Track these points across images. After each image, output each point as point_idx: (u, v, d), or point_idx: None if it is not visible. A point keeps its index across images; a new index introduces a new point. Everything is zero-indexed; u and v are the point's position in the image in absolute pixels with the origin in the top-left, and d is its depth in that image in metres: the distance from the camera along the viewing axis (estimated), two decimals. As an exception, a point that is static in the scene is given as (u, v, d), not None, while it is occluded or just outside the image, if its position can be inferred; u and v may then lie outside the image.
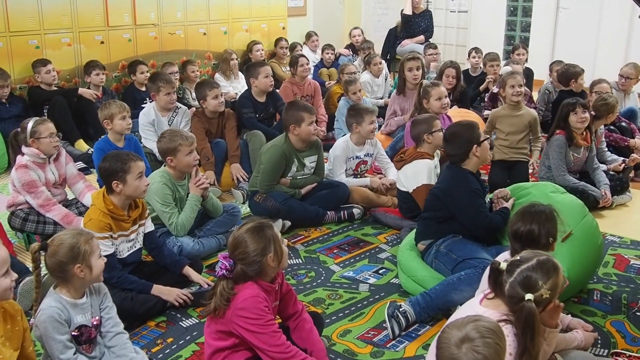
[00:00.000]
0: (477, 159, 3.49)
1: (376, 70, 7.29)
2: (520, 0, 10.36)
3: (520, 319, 2.12)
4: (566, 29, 9.92)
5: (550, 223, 2.70)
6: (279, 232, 2.53)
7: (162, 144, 3.87)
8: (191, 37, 7.40)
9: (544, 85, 6.90)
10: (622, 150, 5.43)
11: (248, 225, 2.47)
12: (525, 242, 2.66)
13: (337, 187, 4.57)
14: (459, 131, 3.54)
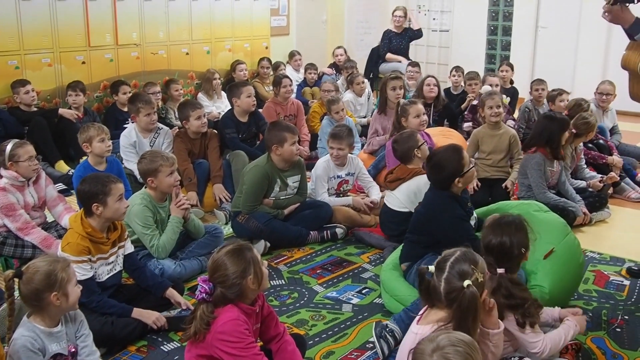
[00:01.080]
0: (458, 188, 3.45)
1: (359, 90, 7.33)
2: (500, 20, 10.49)
3: (462, 306, 2.21)
4: (545, 47, 10.07)
5: (520, 233, 2.72)
6: (259, 254, 2.52)
7: (142, 165, 3.86)
8: (174, 56, 7.41)
9: (524, 104, 6.97)
10: (600, 167, 5.49)
11: (227, 248, 2.46)
12: (498, 254, 2.69)
13: (320, 206, 4.57)
14: (443, 161, 3.45)
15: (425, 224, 3.47)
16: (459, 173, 3.39)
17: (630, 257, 4.23)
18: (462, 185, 3.44)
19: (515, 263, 2.71)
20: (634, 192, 5.48)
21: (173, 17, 7.28)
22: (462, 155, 3.45)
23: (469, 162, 3.48)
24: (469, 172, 3.45)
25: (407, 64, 8.48)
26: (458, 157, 3.43)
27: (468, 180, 3.49)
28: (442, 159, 3.47)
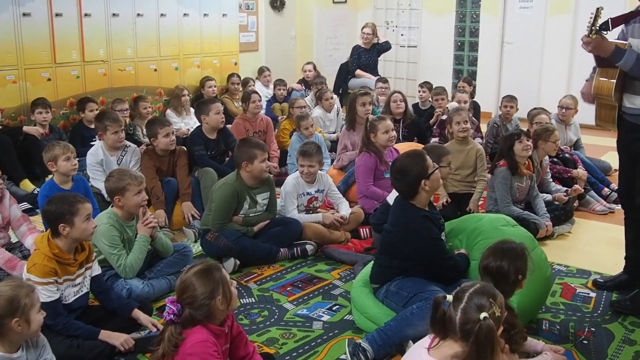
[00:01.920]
0: (426, 193, 3.39)
1: (328, 105, 7.36)
2: (466, 36, 10.66)
3: (479, 339, 2.14)
4: (511, 62, 10.26)
5: (520, 260, 2.75)
6: (227, 274, 2.50)
7: (109, 184, 3.81)
8: (141, 73, 7.36)
9: (492, 119, 7.08)
10: (565, 181, 5.58)
11: (195, 268, 2.44)
12: (495, 277, 2.71)
13: (290, 223, 4.56)
14: (407, 166, 3.40)
15: (397, 246, 3.40)
16: (424, 175, 3.35)
17: (596, 269, 4.29)
18: (429, 189, 3.38)
19: (510, 288, 2.73)
20: (599, 204, 5.57)
21: (141, 33, 7.24)
22: (424, 158, 3.41)
23: (432, 165, 3.42)
24: (434, 174, 3.38)
25: (376, 80, 8.55)
26: (421, 160, 3.40)
27: (435, 185, 3.41)
28: (404, 164, 3.43)
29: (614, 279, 4.00)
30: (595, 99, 3.65)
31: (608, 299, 3.84)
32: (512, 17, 10.14)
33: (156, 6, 7.38)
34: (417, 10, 10.94)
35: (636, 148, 3.57)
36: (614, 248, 4.65)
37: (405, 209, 3.42)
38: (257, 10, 9.43)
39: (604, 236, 4.98)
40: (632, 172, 3.65)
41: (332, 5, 10.95)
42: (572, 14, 9.42)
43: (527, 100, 9.40)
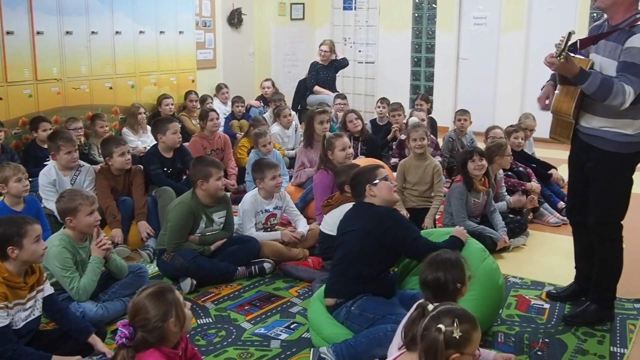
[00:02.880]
0: (375, 198, 3.53)
1: (286, 122, 7.38)
2: (423, 52, 10.81)
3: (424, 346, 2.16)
4: (467, 78, 10.44)
5: (456, 270, 2.79)
6: (180, 296, 2.47)
7: (60, 204, 3.74)
8: (96, 91, 7.27)
9: (448, 133, 7.17)
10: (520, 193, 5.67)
11: (148, 291, 2.41)
12: (434, 289, 2.76)
13: (247, 241, 4.54)
14: (358, 173, 3.66)
15: (375, 242, 3.40)
16: (370, 180, 3.53)
17: (550, 280, 4.37)
18: (376, 196, 3.52)
19: (451, 298, 2.74)
20: (552, 216, 5.69)
21: (95, 51, 7.16)
22: (377, 168, 3.64)
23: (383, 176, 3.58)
24: (382, 183, 3.54)
25: (334, 96, 8.60)
26: (372, 169, 3.62)
27: (383, 193, 3.53)
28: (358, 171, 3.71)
29: (566, 290, 4.08)
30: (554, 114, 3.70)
31: (561, 310, 3.91)
32: (467, 33, 10.32)
33: (111, 24, 7.31)
34: (374, 27, 11.06)
35: (589, 169, 3.61)
36: (567, 259, 4.71)
37: (376, 209, 3.53)
38: (214, 27, 9.43)
39: (558, 247, 5.07)
40: (583, 191, 3.71)
41: (289, 22, 11.01)
42: (525, 30, 9.65)
43: (483, 114, 9.62)
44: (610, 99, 3.27)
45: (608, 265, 3.70)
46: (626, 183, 3.57)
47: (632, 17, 3.35)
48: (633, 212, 3.80)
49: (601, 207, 3.59)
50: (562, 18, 9.31)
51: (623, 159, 3.48)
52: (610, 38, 3.40)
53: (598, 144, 3.51)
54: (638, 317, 3.82)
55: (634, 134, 3.42)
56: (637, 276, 4.41)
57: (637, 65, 3.24)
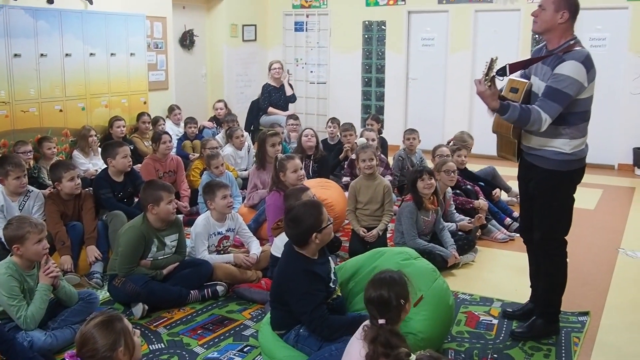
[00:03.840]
0: (316, 245, 3.36)
1: (239, 143, 7.41)
2: (373, 72, 10.98)
3: None
4: (416, 97, 10.66)
5: (398, 286, 2.83)
6: (129, 324, 2.47)
7: (8, 232, 3.67)
8: (46, 114, 7.19)
9: (397, 152, 7.29)
10: (468, 211, 5.80)
11: (96, 320, 2.40)
12: (378, 306, 2.79)
13: (200, 265, 4.53)
14: (301, 216, 3.37)
15: (282, 296, 3.39)
16: (317, 228, 3.34)
17: (498, 296, 4.47)
18: (319, 242, 3.36)
19: (395, 314, 2.80)
20: (500, 233, 5.83)
21: (45, 73, 7.10)
22: (321, 210, 3.41)
23: (327, 219, 3.41)
24: (327, 228, 3.38)
25: (287, 117, 8.67)
26: (317, 212, 3.38)
27: (325, 238, 3.39)
28: (300, 213, 3.40)
29: (522, 309, 4.14)
30: (496, 134, 3.83)
31: (509, 325, 4.00)
32: (416, 54, 10.56)
33: (60, 46, 7.27)
34: (325, 48, 11.22)
35: (532, 187, 3.75)
36: (515, 274, 4.89)
37: (291, 259, 3.41)
38: (166, 48, 9.41)
39: (506, 263, 5.22)
40: (530, 207, 3.84)
41: (241, 43, 11.07)
42: (471, 51, 9.92)
43: (432, 133, 9.84)
44: (528, 126, 3.49)
45: (552, 280, 3.82)
46: (567, 200, 3.70)
47: (566, 43, 3.52)
48: (576, 227, 3.93)
49: (545, 223, 3.72)
50: (506, 39, 9.62)
51: (562, 177, 3.62)
52: (546, 62, 3.59)
53: (538, 162, 3.65)
54: (582, 330, 3.95)
55: (571, 152, 3.57)
56: (581, 289, 4.58)
57: (559, 91, 3.42)
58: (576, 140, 3.56)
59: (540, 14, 3.56)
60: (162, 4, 9.23)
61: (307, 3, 11.25)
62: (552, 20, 3.51)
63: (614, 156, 9.16)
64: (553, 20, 3.51)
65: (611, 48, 8.96)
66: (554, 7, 3.50)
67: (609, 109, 8.85)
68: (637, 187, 8.06)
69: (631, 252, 5.46)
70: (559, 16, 3.49)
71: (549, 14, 3.51)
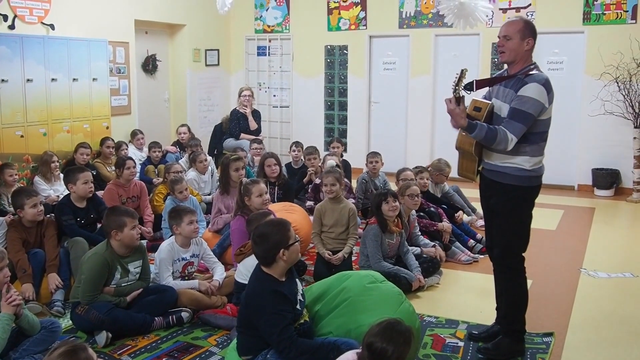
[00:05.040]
0: (284, 263, 3.39)
1: (202, 168, 7.40)
2: (336, 96, 11.08)
3: None
4: (378, 121, 10.79)
5: (405, 347, 2.75)
6: (94, 354, 2.45)
7: None
8: (7, 139, 7.10)
9: (361, 176, 7.35)
10: (432, 233, 5.87)
11: (59, 350, 2.37)
12: (376, 357, 2.74)
13: (165, 291, 4.49)
14: (268, 233, 3.41)
15: (250, 319, 3.39)
16: (284, 244, 3.36)
17: (464, 318, 4.51)
18: (286, 259, 3.38)
19: None
20: (464, 254, 5.89)
21: (5, 99, 7.03)
22: (287, 227, 3.44)
23: (294, 237, 3.44)
24: (294, 246, 3.40)
25: (251, 140, 8.70)
26: (283, 229, 3.42)
27: (293, 256, 3.42)
28: (267, 230, 3.44)
29: (488, 331, 4.16)
30: (458, 150, 3.93)
31: (475, 347, 4.03)
32: (377, 78, 10.71)
33: (22, 72, 7.20)
34: (288, 72, 11.31)
35: (493, 203, 3.87)
36: (480, 296, 4.96)
37: (259, 281, 3.42)
38: (129, 73, 9.39)
39: (470, 285, 5.28)
40: (492, 224, 3.94)
41: (204, 68, 11.09)
42: (432, 75, 10.11)
43: (395, 155, 9.97)
44: (495, 145, 3.65)
45: (513, 296, 3.89)
46: (526, 215, 3.82)
47: (527, 67, 3.71)
48: (537, 247, 4.02)
49: (503, 238, 3.82)
50: (466, 63, 9.76)
51: (522, 192, 3.75)
52: (508, 85, 3.75)
53: (499, 178, 3.78)
54: (547, 351, 3.99)
55: (531, 168, 3.71)
56: (544, 310, 4.65)
57: (523, 112, 3.59)
58: (536, 157, 3.71)
59: (506, 44, 3.72)
60: (125, 29, 9.23)
61: (270, 28, 11.35)
62: (519, 49, 3.69)
63: (573, 177, 9.37)
64: (520, 49, 3.69)
65: (568, 71, 9.23)
66: (519, 35, 3.68)
67: (568, 130, 9.09)
68: (596, 207, 8.24)
69: (593, 272, 5.57)
70: (525, 44, 3.69)
71: (515, 43, 3.69)
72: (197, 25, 10.77)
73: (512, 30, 3.69)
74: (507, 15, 9.35)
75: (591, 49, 8.95)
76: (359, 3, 10.51)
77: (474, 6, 6.81)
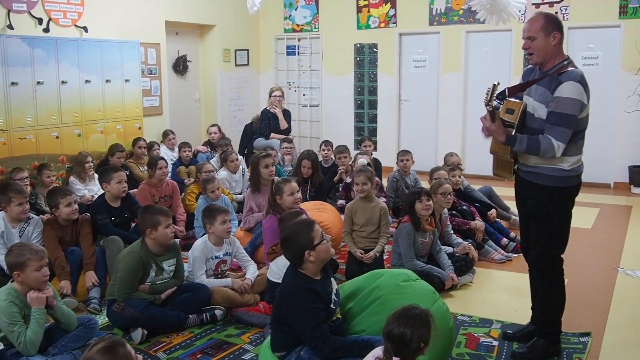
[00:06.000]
0: (312, 263, 3.37)
1: (233, 167, 7.44)
2: (365, 94, 11.06)
3: None
4: (409, 119, 10.72)
5: (423, 328, 2.73)
6: (132, 350, 2.48)
7: (9, 258, 3.69)
8: (43, 141, 7.22)
9: (392, 174, 7.31)
10: (464, 232, 5.82)
11: (99, 346, 2.40)
12: (397, 344, 2.73)
13: (198, 289, 4.53)
14: (291, 235, 3.42)
15: (284, 316, 3.39)
16: (309, 246, 3.34)
17: (497, 317, 4.46)
18: (314, 259, 3.36)
19: (411, 356, 2.75)
20: (497, 253, 5.83)
21: (41, 101, 7.14)
22: (311, 228, 3.41)
23: (320, 236, 3.41)
24: (320, 245, 3.38)
25: (280, 140, 8.72)
26: (307, 230, 3.40)
27: (322, 256, 3.39)
28: (291, 232, 3.45)
29: (522, 330, 4.11)
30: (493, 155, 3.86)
31: (510, 347, 3.99)
32: (408, 75, 10.66)
33: (57, 74, 7.32)
34: (318, 71, 11.32)
35: (529, 205, 3.75)
36: (514, 295, 4.90)
37: (293, 279, 3.42)
38: (160, 74, 9.48)
39: (504, 284, 5.22)
40: (529, 226, 3.84)
41: (234, 68, 11.15)
42: (463, 72, 10.02)
43: (426, 153, 9.90)
44: (541, 154, 3.55)
45: (551, 298, 3.80)
46: (564, 217, 3.71)
47: (560, 64, 3.58)
48: (574, 246, 3.95)
49: (541, 241, 3.72)
50: (498, 59, 9.73)
51: (560, 193, 3.64)
52: (541, 83, 3.63)
53: (536, 179, 3.67)
54: (584, 351, 3.92)
55: (569, 169, 3.60)
56: (581, 310, 4.57)
57: (564, 115, 3.46)
58: (574, 157, 3.60)
59: (532, 45, 3.61)
60: (156, 31, 9.32)
61: (299, 27, 11.37)
62: (546, 46, 3.57)
63: (609, 175, 9.21)
64: (547, 46, 3.57)
65: (604, 66, 9.07)
66: (543, 32, 3.55)
67: (603, 127, 8.93)
68: (633, 205, 8.11)
69: (631, 272, 5.47)
70: (552, 39, 3.56)
71: (541, 42, 3.57)
72: (226, 26, 10.84)
73: (535, 28, 3.57)
74: (541, 10, 9.23)
75: (628, 43, 8.78)
76: (388, 0, 10.47)
77: (506, 1, 6.74)
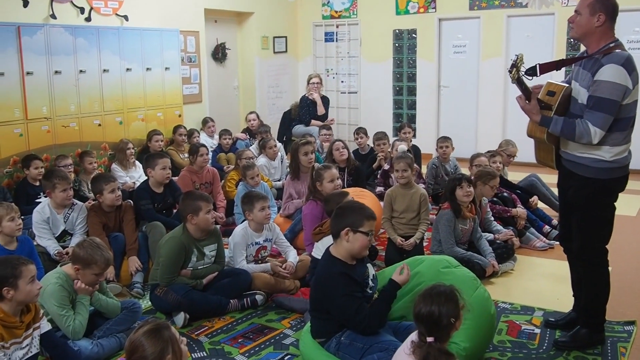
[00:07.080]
0: (346, 244, 3.33)
1: (272, 154, 7.47)
2: (404, 81, 10.98)
3: None
4: (448, 105, 10.61)
5: (450, 304, 2.73)
6: (176, 332, 2.51)
7: (79, 251, 3.72)
8: (85, 128, 7.34)
9: (431, 161, 7.27)
10: (506, 219, 5.76)
11: (145, 328, 2.44)
12: (427, 323, 2.72)
13: (239, 274, 4.58)
14: (348, 208, 3.44)
15: (321, 302, 3.40)
16: (351, 225, 3.31)
17: (539, 305, 4.42)
18: (348, 245, 3.32)
19: (444, 332, 2.74)
20: (539, 241, 5.75)
21: (84, 89, 7.25)
22: (365, 215, 3.37)
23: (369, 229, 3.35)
24: (362, 235, 3.33)
25: (319, 127, 8.72)
26: (362, 213, 3.37)
27: (356, 245, 3.33)
28: (348, 206, 3.50)
29: (565, 318, 4.05)
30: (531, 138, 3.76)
31: (552, 335, 3.95)
32: (447, 61, 10.53)
33: (98, 62, 7.42)
34: (356, 57, 11.26)
35: (571, 196, 3.63)
36: (555, 283, 4.83)
37: (327, 264, 3.41)
38: (199, 62, 9.55)
39: (545, 272, 5.15)
40: (568, 216, 3.73)
41: (273, 55, 11.17)
42: (504, 57, 9.85)
43: (465, 140, 9.80)
44: (576, 139, 3.44)
45: (595, 290, 3.71)
46: (607, 209, 3.58)
47: (605, 46, 3.43)
48: (618, 234, 3.85)
49: (584, 233, 3.61)
50: (540, 43, 9.54)
51: (603, 185, 3.50)
52: (586, 66, 3.49)
53: (577, 170, 3.55)
54: (628, 340, 3.86)
55: (611, 160, 3.45)
56: (626, 298, 4.49)
57: (603, 99, 3.33)
58: (618, 147, 3.44)
59: (576, 19, 3.49)
60: (195, 19, 9.38)
61: (337, 13, 11.32)
62: (588, 25, 3.45)
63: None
64: (589, 25, 3.44)
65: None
66: (589, 10, 3.43)
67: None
68: (679, 192, 7.88)
69: (676, 259, 5.35)
70: (595, 19, 3.42)
71: (584, 19, 3.45)
72: (265, 13, 10.85)
73: (583, 4, 3.44)
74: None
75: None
76: (427, -14, 10.36)
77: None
